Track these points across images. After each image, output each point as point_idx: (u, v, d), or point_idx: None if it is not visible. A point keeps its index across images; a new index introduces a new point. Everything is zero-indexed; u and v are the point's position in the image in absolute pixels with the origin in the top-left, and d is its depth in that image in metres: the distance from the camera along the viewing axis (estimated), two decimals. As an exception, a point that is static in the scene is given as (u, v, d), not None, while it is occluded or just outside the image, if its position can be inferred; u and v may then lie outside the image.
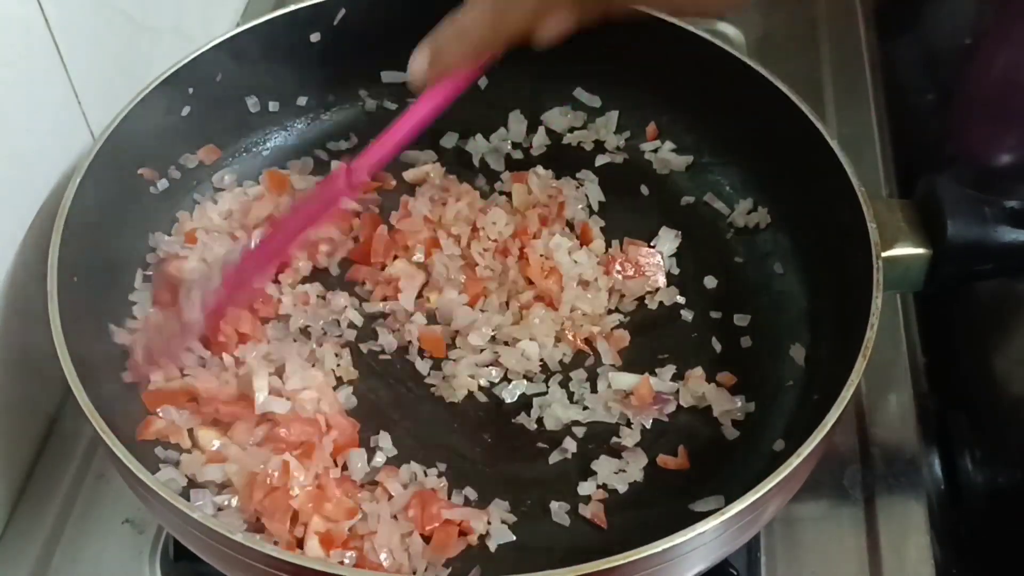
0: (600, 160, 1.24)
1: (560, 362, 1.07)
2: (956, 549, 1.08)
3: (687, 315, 1.11)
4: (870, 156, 1.33)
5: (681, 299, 1.12)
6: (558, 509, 0.97)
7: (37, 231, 1.04)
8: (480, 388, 1.05)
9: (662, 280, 1.13)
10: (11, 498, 1.06)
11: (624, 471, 1.00)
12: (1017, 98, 1.19)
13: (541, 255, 1.12)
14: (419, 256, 1.13)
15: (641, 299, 1.12)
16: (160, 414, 0.99)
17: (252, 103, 1.21)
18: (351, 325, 1.09)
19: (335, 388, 1.04)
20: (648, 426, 1.03)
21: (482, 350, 1.07)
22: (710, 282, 1.14)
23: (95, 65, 1.11)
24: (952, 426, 1.13)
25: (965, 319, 1.22)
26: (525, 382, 1.06)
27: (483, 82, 1.26)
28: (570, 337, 1.08)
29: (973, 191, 0.98)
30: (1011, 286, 1.14)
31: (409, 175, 1.21)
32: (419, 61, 0.93)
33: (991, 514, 1.09)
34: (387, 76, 1.26)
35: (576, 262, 1.12)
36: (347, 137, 1.25)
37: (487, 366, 1.06)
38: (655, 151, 1.23)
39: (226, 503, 0.94)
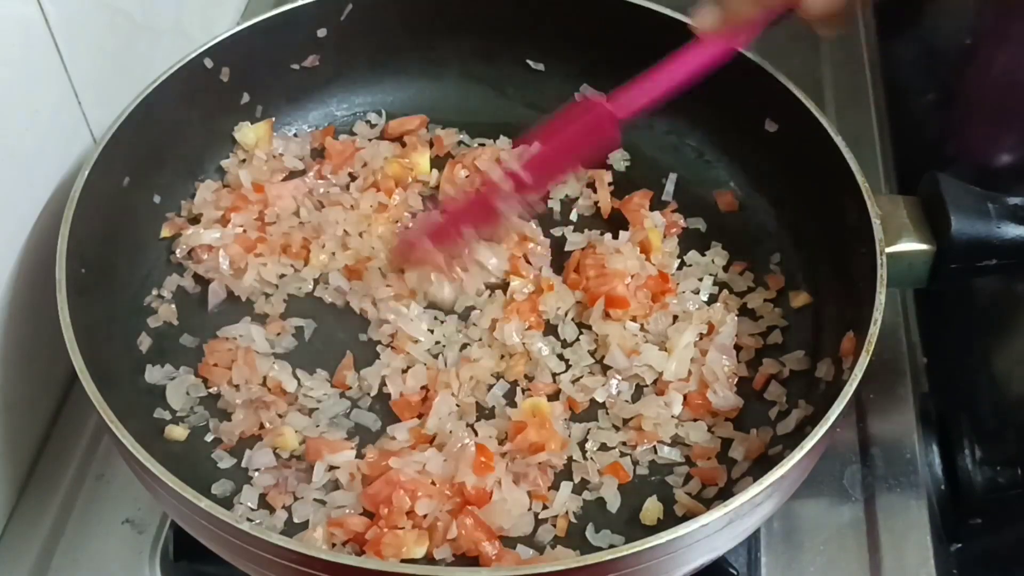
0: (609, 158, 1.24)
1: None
2: (956, 549, 1.08)
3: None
4: (870, 156, 1.33)
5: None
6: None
7: (39, 232, 1.04)
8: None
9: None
10: (11, 498, 1.06)
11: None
12: (1017, 98, 1.19)
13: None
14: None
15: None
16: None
17: (255, 102, 1.21)
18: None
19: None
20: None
21: None
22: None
23: (95, 65, 1.11)
24: (952, 426, 1.13)
25: (965, 319, 1.22)
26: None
27: (482, 80, 1.27)
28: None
29: (976, 187, 0.98)
30: (1011, 286, 1.14)
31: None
32: (708, 10, 0.97)
33: (991, 514, 1.09)
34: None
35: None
36: (354, 134, 1.25)
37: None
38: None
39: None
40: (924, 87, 1.41)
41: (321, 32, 1.20)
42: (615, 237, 1.15)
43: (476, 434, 1.00)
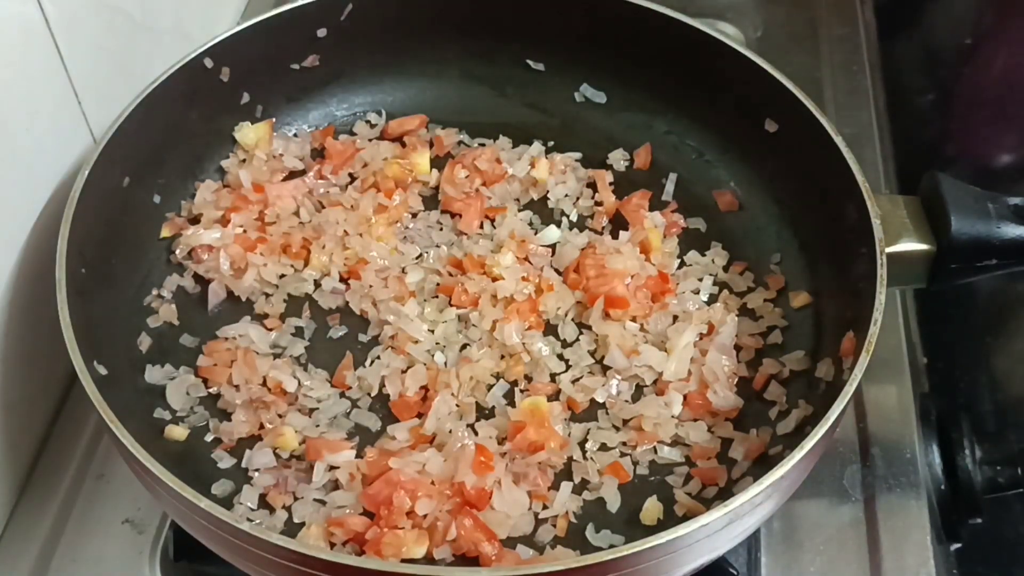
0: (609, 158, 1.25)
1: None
2: (956, 549, 1.08)
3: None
4: (870, 156, 1.33)
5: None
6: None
7: (39, 232, 1.04)
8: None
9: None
10: (11, 498, 1.06)
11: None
12: (1017, 98, 1.20)
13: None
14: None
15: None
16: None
17: (255, 102, 1.21)
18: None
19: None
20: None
21: None
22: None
23: (95, 65, 1.11)
24: (952, 426, 1.13)
25: (965, 319, 1.22)
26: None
27: (482, 80, 1.27)
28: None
29: (976, 187, 0.98)
30: (1011, 286, 1.14)
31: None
32: None
33: (991, 514, 1.09)
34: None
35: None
36: (354, 134, 1.25)
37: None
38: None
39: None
40: (924, 87, 1.42)
41: (321, 32, 1.20)
42: (615, 237, 1.15)
43: (476, 434, 1.00)
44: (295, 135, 1.25)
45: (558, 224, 1.18)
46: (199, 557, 0.97)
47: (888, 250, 0.95)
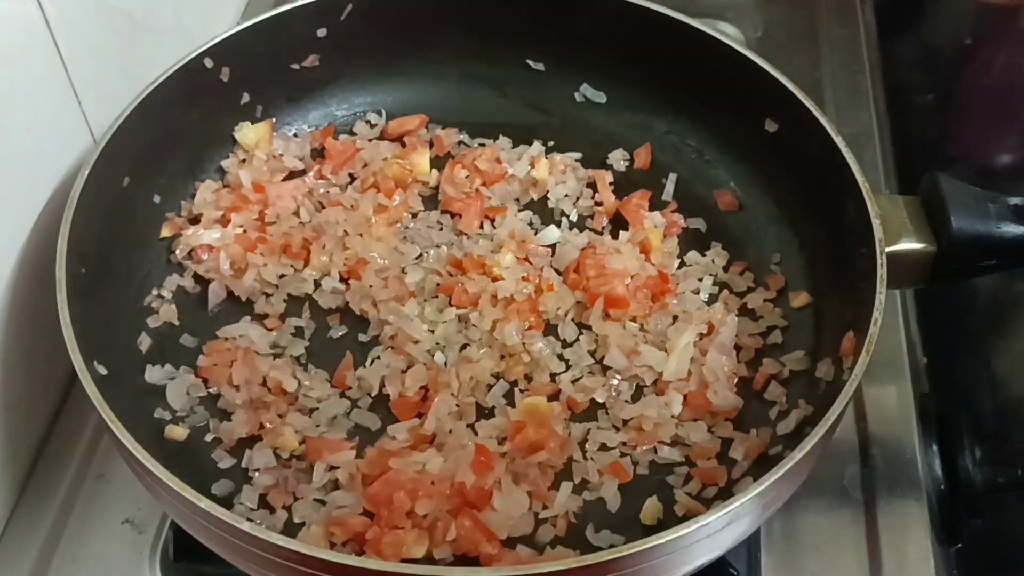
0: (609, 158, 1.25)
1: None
2: (956, 549, 1.08)
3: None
4: (870, 156, 1.33)
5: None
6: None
7: (39, 232, 1.04)
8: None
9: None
10: (11, 498, 1.06)
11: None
12: (1017, 98, 1.20)
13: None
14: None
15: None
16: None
17: (255, 102, 1.21)
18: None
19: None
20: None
21: None
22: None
23: (95, 65, 1.11)
24: (952, 426, 1.13)
25: (965, 319, 1.22)
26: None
27: (482, 80, 1.27)
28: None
29: (976, 187, 0.98)
30: (1011, 286, 1.14)
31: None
32: None
33: (991, 514, 1.09)
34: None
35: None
36: (354, 135, 1.25)
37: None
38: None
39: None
40: (924, 87, 1.41)
41: (321, 32, 1.20)
42: (615, 237, 1.15)
43: (476, 434, 1.00)
44: (295, 135, 1.25)
45: (558, 224, 1.18)
46: (199, 557, 0.97)
47: (888, 250, 0.95)
